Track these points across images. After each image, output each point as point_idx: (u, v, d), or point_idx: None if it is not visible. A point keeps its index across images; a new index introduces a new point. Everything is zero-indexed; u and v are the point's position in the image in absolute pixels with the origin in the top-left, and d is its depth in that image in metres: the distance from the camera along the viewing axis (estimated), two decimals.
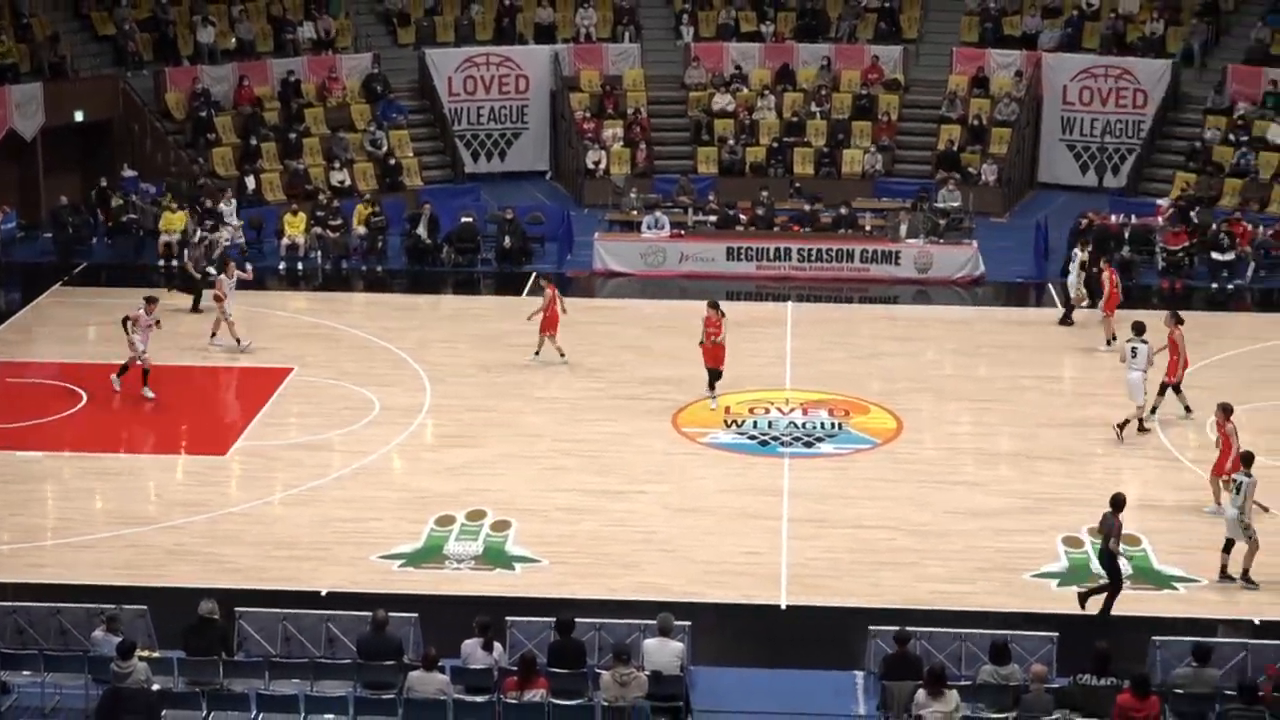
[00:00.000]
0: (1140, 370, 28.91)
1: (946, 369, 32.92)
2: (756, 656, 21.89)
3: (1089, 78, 45.46)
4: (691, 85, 46.55)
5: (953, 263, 38.22)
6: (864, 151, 44.58)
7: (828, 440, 28.87)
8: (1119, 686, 18.78)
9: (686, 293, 37.15)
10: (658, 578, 23.73)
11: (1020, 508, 26.09)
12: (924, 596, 23.17)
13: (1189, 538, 25.00)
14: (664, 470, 27.55)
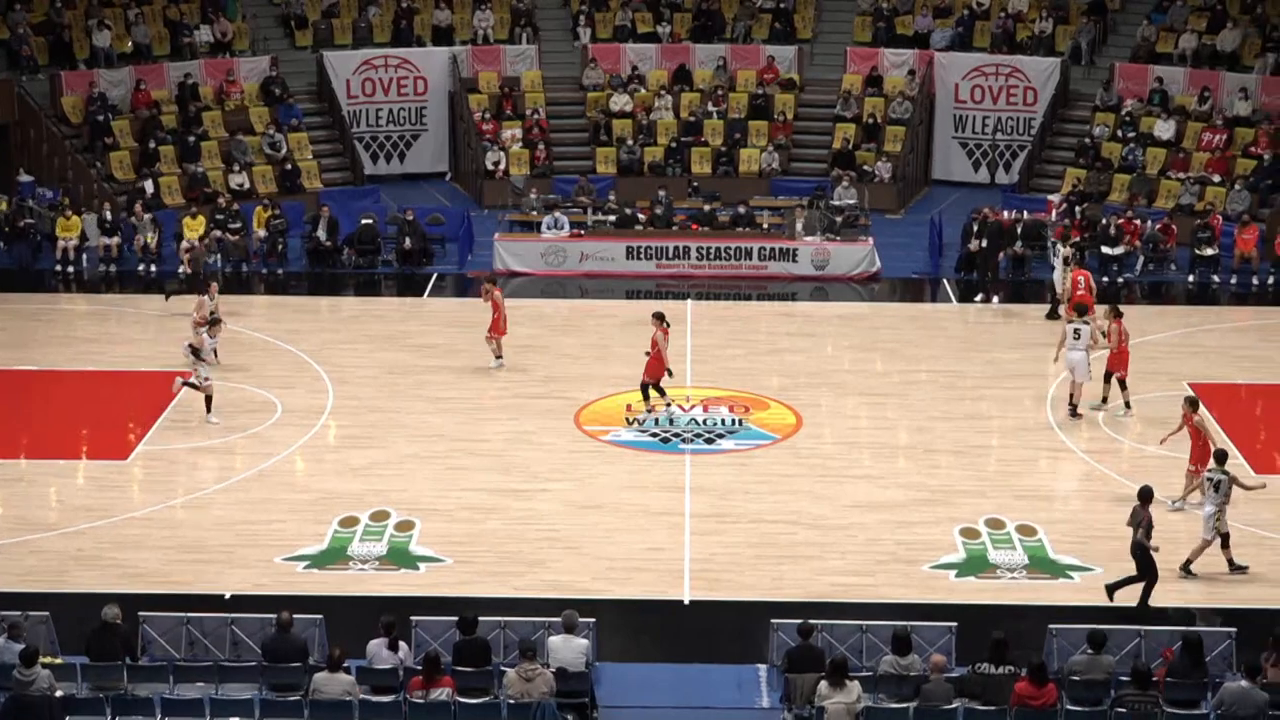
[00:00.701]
0: (1082, 350, 29.32)
1: (844, 364, 33.10)
2: (661, 651, 21.92)
3: (980, 76, 45.85)
4: (589, 86, 46.54)
5: (849, 259, 38.43)
6: (761, 150, 44.74)
7: (728, 436, 28.94)
8: (1017, 674, 18.97)
9: (587, 292, 37.17)
10: (562, 575, 23.72)
11: (918, 500, 26.28)
12: (825, 589, 23.29)
13: (1083, 527, 25.27)
14: (566, 468, 27.53)
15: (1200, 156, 42.35)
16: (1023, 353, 33.10)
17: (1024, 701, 18.67)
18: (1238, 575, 23.61)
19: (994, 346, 33.72)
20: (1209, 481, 23.80)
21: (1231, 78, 43.57)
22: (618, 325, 34.56)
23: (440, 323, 34.96)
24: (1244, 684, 18.79)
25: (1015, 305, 36.86)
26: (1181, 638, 19.90)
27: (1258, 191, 40.72)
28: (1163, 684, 19.22)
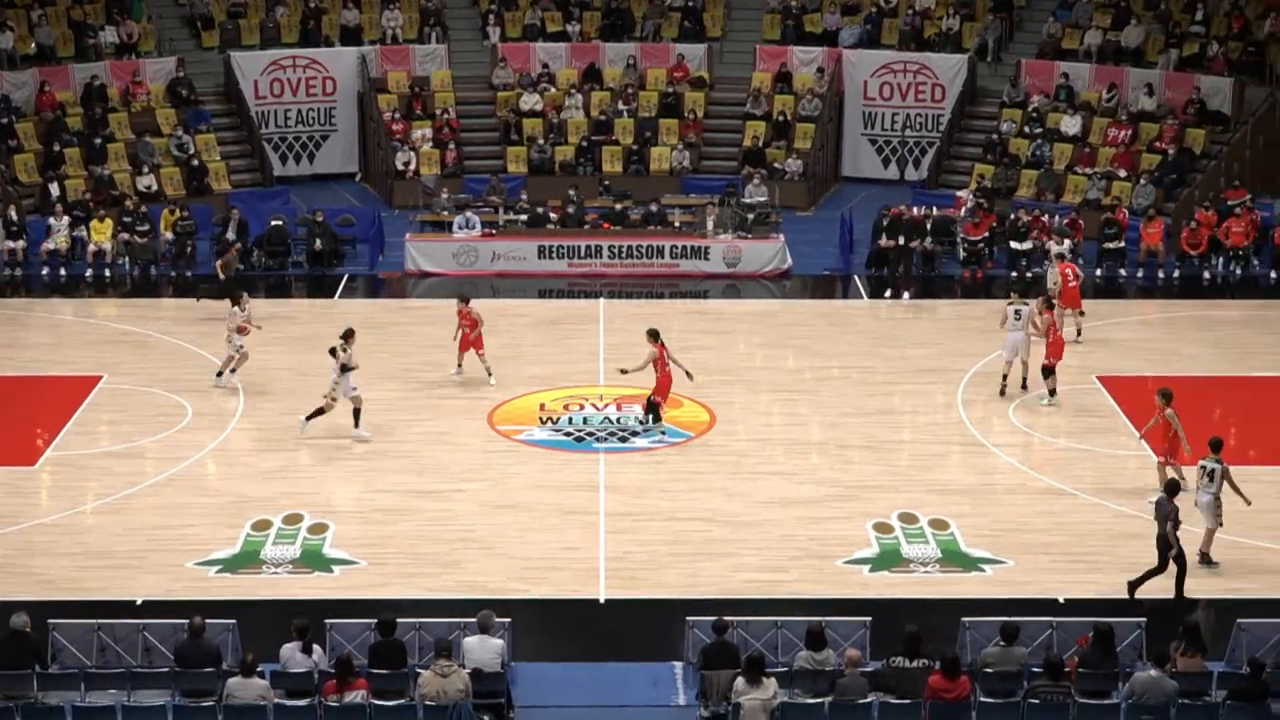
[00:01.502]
0: (1021, 331, 29.84)
1: (757, 361, 33.22)
2: (577, 650, 21.90)
3: (889, 73, 46.10)
4: (499, 85, 46.45)
5: (760, 257, 38.56)
6: (671, 149, 44.80)
7: (642, 435, 28.97)
8: (930, 668, 19.08)
9: (499, 292, 37.10)
10: (477, 575, 23.67)
11: (831, 496, 26.39)
12: (740, 586, 23.35)
13: (995, 521, 25.46)
14: (481, 468, 27.47)
15: (1106, 152, 42.79)
16: (934, 348, 33.34)
17: (938, 694, 18.79)
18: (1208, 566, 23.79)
19: (905, 342, 33.93)
20: (1203, 470, 23.93)
21: (1136, 73, 44.04)
22: (530, 325, 34.52)
23: (352, 324, 34.67)
24: (1153, 673, 19.00)
25: (925, 301, 37.11)
26: (1093, 628, 20.09)
27: (1163, 186, 41.18)
28: (1074, 674, 19.40)
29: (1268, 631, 20.49)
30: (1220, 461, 23.87)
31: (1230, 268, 38.63)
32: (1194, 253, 38.54)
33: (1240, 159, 41.62)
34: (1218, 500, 23.74)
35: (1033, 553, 24.42)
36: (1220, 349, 33.50)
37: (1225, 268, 38.65)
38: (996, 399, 30.23)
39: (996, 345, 32.46)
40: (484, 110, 46.37)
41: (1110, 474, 27.27)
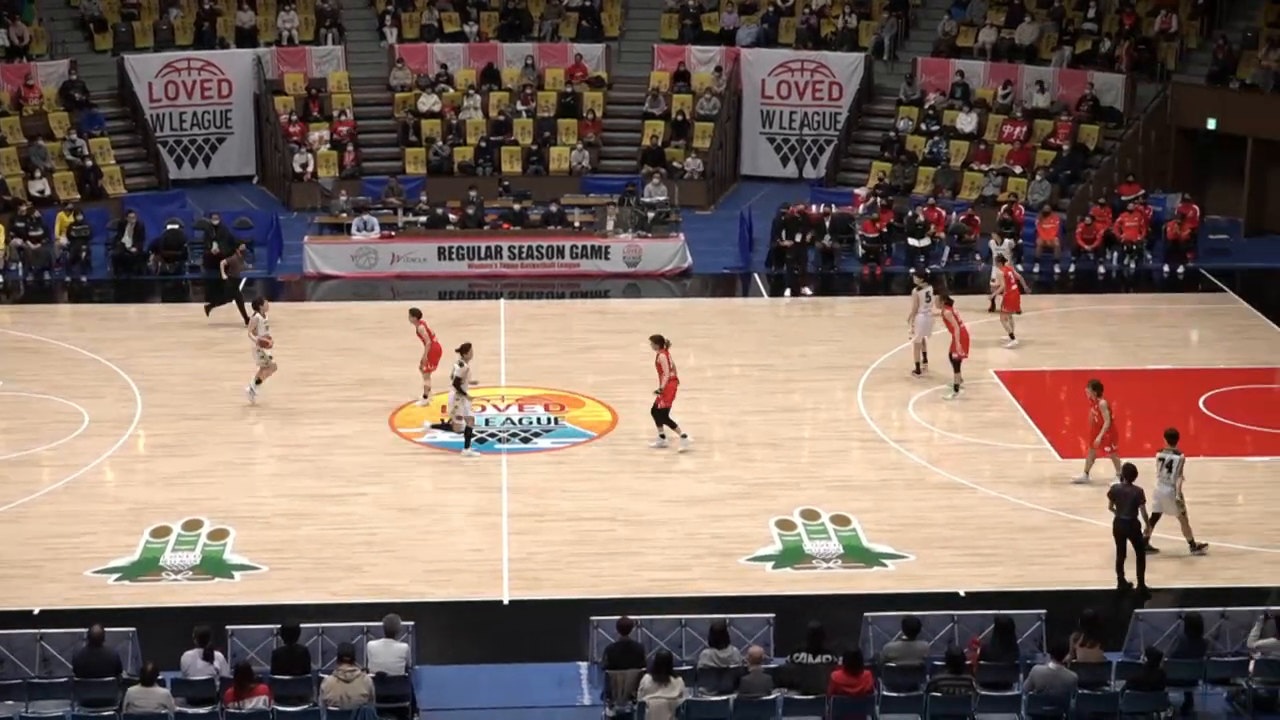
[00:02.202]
0: (926, 315, 30.58)
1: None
2: (481, 652, 21.87)
3: (786, 72, 46.30)
4: (397, 86, 46.25)
5: (661, 256, 38.62)
6: (571, 149, 44.79)
7: (544, 435, 28.95)
8: (833, 663, 19.19)
9: (399, 294, 36.94)
10: (380, 579, 23.58)
11: (733, 494, 26.48)
12: (644, 585, 23.39)
13: (895, 516, 25.64)
14: (382, 471, 27.36)
15: (1002, 148, 43.18)
16: (833, 345, 33.53)
17: (841, 689, 18.91)
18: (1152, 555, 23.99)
19: (805, 339, 34.09)
20: (1161, 462, 24.15)
21: (1030, 70, 44.46)
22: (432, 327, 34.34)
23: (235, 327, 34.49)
24: (1052, 666, 19.21)
25: (825, 298, 37.31)
26: (994, 620, 20.28)
27: (1058, 182, 41.61)
28: (975, 667, 19.57)
29: (1164, 621, 20.76)
30: (1178, 452, 24.18)
31: (1124, 262, 39.08)
32: (1089, 248, 38.95)
33: (1133, 154, 42.12)
34: (1177, 490, 24.05)
35: (933, 547, 24.62)
36: (1115, 342, 33.91)
37: (1119, 262, 39.09)
38: (896, 395, 30.43)
39: (896, 341, 32.80)
40: (382, 111, 46.17)
41: (1009, 468, 27.54)
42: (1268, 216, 41.37)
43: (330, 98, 45.72)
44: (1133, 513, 23.10)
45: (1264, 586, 23.36)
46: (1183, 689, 19.99)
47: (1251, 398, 30.70)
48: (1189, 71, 43.44)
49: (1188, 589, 23.18)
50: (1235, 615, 20.86)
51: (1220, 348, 33.81)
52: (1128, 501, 23.14)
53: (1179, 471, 24.04)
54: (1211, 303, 36.82)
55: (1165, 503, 24.10)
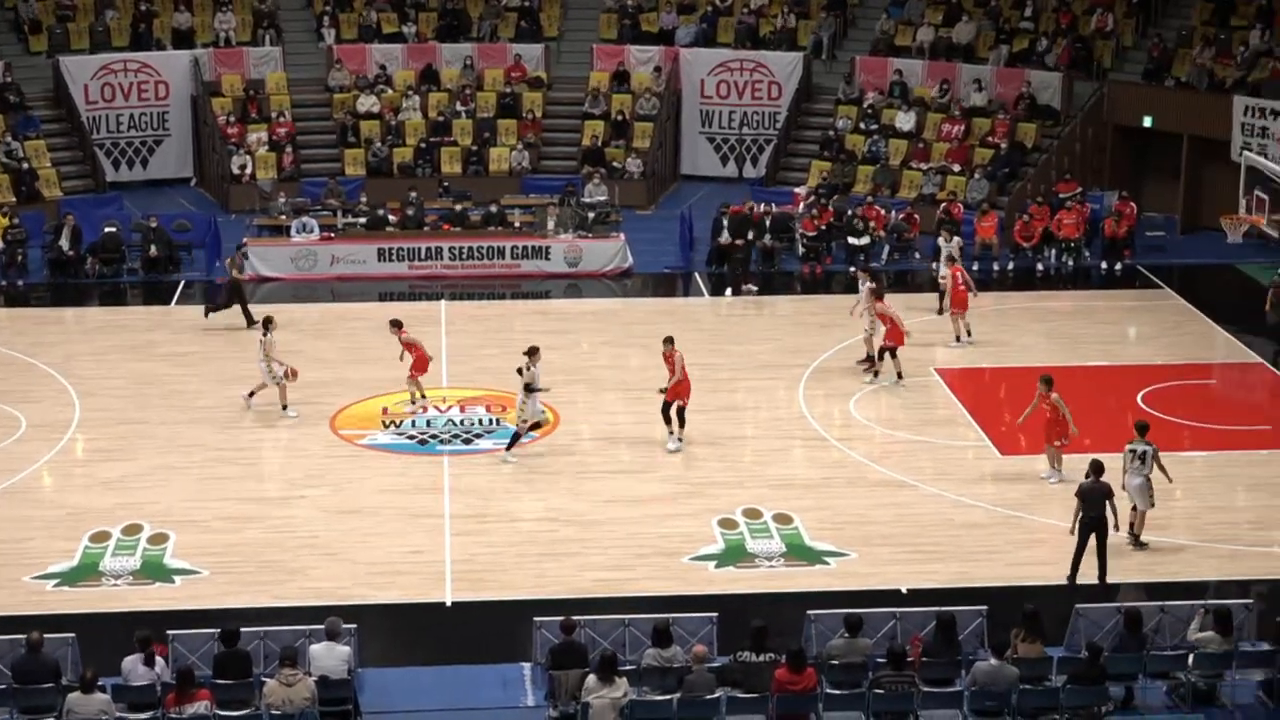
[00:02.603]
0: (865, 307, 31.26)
1: (600, 360, 33.24)
2: (424, 654, 21.81)
3: (725, 71, 46.37)
4: (335, 88, 46.08)
5: (601, 256, 38.62)
6: (510, 149, 44.73)
7: (486, 436, 28.90)
8: (777, 661, 19.23)
9: (339, 296, 36.82)
10: (322, 582, 23.48)
11: (676, 493, 26.50)
12: (587, 585, 23.38)
13: (837, 514, 25.71)
14: (324, 474, 27.26)
15: (940, 147, 43.36)
16: (774, 343, 33.59)
17: (784, 687, 18.94)
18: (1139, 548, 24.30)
19: (746, 338, 34.15)
20: (1132, 453, 24.31)
21: (968, 69, 44.68)
22: (371, 328, 34.26)
23: (190, 330, 34.34)
24: (993, 662, 19.30)
25: (766, 297, 37.37)
26: (935, 617, 20.36)
27: (996, 180, 41.81)
28: (918, 664, 19.64)
29: (1104, 616, 20.89)
30: (1150, 444, 24.36)
31: (1062, 259, 39.31)
32: (1027, 245, 39.16)
33: (1070, 153, 42.39)
34: (1149, 481, 24.24)
35: (875, 545, 24.70)
36: (1053, 339, 34.10)
37: (1057, 259, 39.31)
38: (838, 393, 30.51)
39: (837, 339, 32.93)
40: (320, 113, 46.00)
41: (949, 465, 27.65)
42: (1203, 213, 41.66)
43: (268, 99, 45.52)
44: (1101, 509, 23.20)
45: (1202, 581, 23.52)
46: (1123, 683, 20.11)
47: (1189, 393, 30.94)
48: (1125, 70, 43.76)
49: (1127, 584, 23.30)
50: (1174, 610, 21.01)
51: (1158, 344, 34.06)
52: (1097, 498, 23.23)
53: (1152, 462, 24.24)
54: (1149, 299, 37.09)
55: (1138, 494, 24.28)
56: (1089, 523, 23.20)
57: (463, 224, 39.38)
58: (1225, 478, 26.95)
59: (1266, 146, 39.07)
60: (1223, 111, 40.71)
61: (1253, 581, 23.43)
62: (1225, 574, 23.77)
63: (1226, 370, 33.06)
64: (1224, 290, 37.94)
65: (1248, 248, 38.69)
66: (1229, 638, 20.13)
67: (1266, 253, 38.61)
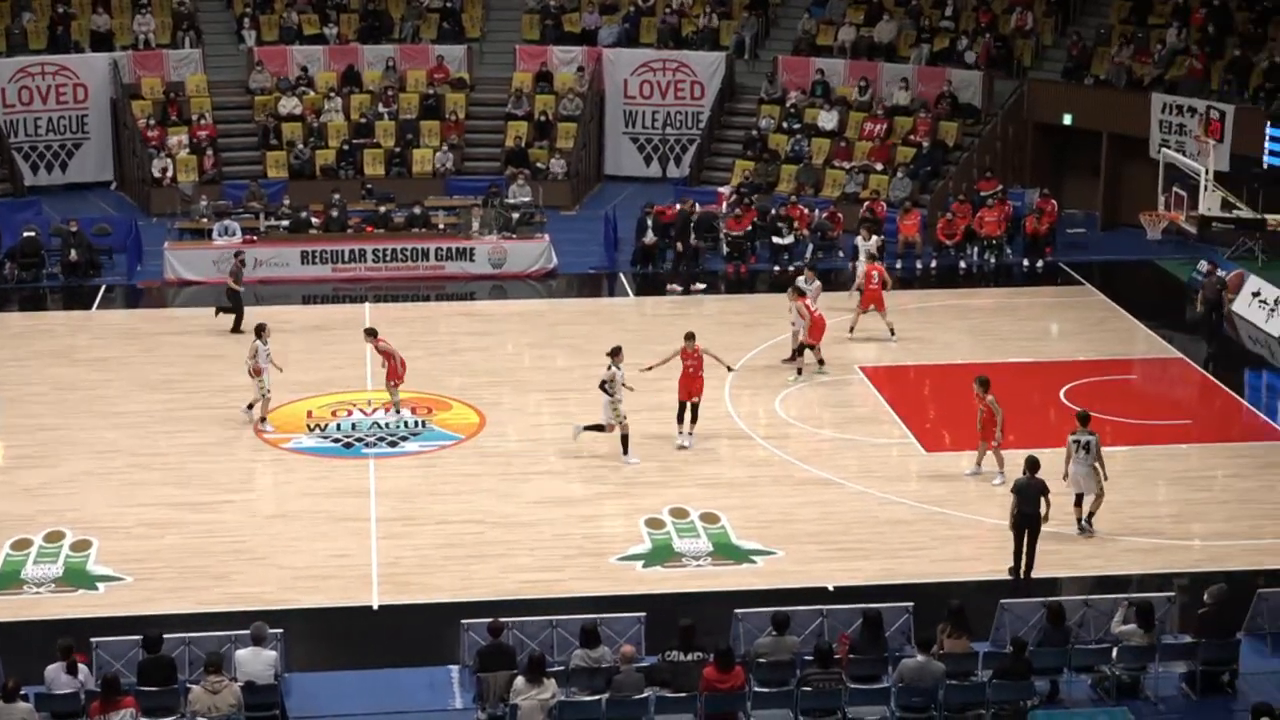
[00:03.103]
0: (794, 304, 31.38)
1: (525, 361, 33.23)
2: (351, 658, 21.73)
3: (648, 71, 46.42)
4: (256, 90, 45.82)
5: (526, 257, 38.58)
6: (434, 150, 44.62)
7: (412, 439, 28.82)
8: (705, 660, 19.27)
9: (262, 299, 36.59)
10: (248, 587, 23.35)
11: (603, 493, 26.51)
12: (514, 587, 23.35)
13: (763, 512, 25.78)
14: (248, 478, 27.13)
15: (863, 145, 43.57)
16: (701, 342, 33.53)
17: (712, 686, 18.99)
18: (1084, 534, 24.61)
19: (672, 338, 34.09)
20: (1076, 443, 24.52)
21: (890, 68, 44.92)
22: (295, 331, 34.13)
23: (111, 335, 34.10)
24: (920, 658, 19.40)
25: (690, 297, 37.39)
26: (862, 614, 20.46)
27: (918, 178, 42.06)
28: (845, 661, 19.73)
29: (1029, 611, 21.05)
30: (1093, 434, 24.59)
31: (984, 257, 39.56)
32: (949, 243, 39.41)
33: (991, 150, 42.69)
34: (1094, 470, 24.45)
35: (802, 543, 24.79)
36: (976, 336, 34.33)
37: (980, 257, 39.57)
38: (763, 392, 30.61)
39: (762, 339, 33.05)
40: (241, 115, 45.73)
41: (874, 463, 27.79)
42: (1123, 210, 42.05)
43: (189, 101, 45.22)
44: (1035, 505, 23.35)
45: (1125, 575, 23.76)
46: (1048, 677, 20.28)
47: (1110, 388, 31.21)
48: (1044, 68, 44.10)
49: (1052, 578, 23.48)
50: (1098, 604, 21.23)
51: (1079, 340, 34.34)
52: (1032, 494, 23.38)
53: (1097, 451, 24.48)
54: (1070, 295, 37.40)
55: (1085, 481, 24.56)
56: (1022, 520, 23.36)
57: (386, 226, 39.26)
58: (1146, 472, 27.20)
59: (1184, 144, 39.48)
60: (1141, 109, 41.11)
61: (1174, 575, 23.68)
62: (1147, 568, 24.01)
63: (1147, 366, 33.36)
64: (1144, 286, 38.30)
65: (1167, 244, 39.09)
66: (1151, 631, 20.33)
67: (1185, 249, 39.01)
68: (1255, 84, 40.19)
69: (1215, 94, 40.45)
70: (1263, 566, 23.96)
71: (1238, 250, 38.85)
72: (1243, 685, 20.52)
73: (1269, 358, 33.66)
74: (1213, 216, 34.22)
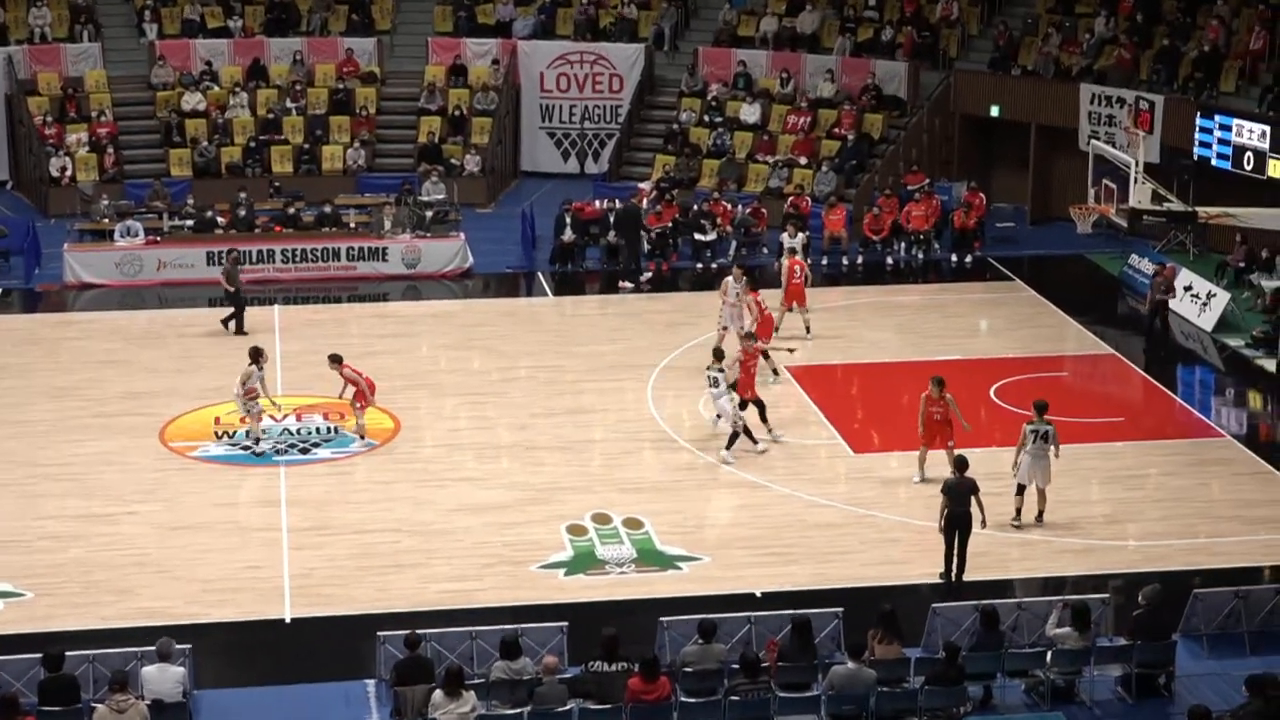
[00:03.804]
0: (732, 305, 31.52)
1: (441, 364, 33.13)
2: (264, 674, 21.59)
3: (565, 64, 46.38)
4: (159, 85, 45.46)
5: (441, 256, 38.46)
6: (344, 147, 44.41)
7: (324, 445, 28.67)
8: (629, 670, 19.25)
9: (167, 302, 36.35)
10: (154, 601, 23.17)
11: (523, 500, 26.45)
12: (433, 597, 23.27)
13: (688, 517, 25.80)
14: (154, 488, 26.89)
15: (786, 139, 43.68)
16: (621, 344, 33.64)
17: (638, 697, 18.98)
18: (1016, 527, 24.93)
19: (592, 339, 34.17)
20: (1034, 433, 24.69)
21: (813, 60, 45.05)
22: (201, 336, 33.90)
23: (9, 341, 33.72)
24: (850, 666, 19.44)
25: (612, 295, 37.42)
26: (790, 620, 20.49)
27: (843, 173, 42.19)
28: (774, 669, 19.75)
29: (961, 615, 21.15)
30: (1049, 423, 24.76)
31: (912, 252, 39.76)
32: (876, 238, 39.59)
33: (918, 144, 42.91)
34: (1048, 461, 24.80)
35: (728, 548, 24.82)
36: (903, 334, 34.48)
37: (907, 253, 39.76)
38: (687, 393, 30.60)
39: (685, 338, 33.08)
40: (143, 111, 45.35)
41: (802, 464, 27.85)
42: (1052, 203, 42.34)
43: (88, 98, 44.80)
44: (966, 504, 23.45)
45: (1059, 577, 23.92)
46: (981, 682, 20.38)
47: (1041, 386, 31.35)
48: (971, 59, 44.36)
49: (985, 581, 23.57)
50: (1031, 606, 21.36)
51: (1009, 336, 34.56)
52: (963, 494, 23.47)
53: (1053, 441, 24.78)
54: (999, 291, 37.63)
55: (1039, 473, 24.83)
56: (953, 519, 23.46)
57: (295, 225, 39.04)
58: (1079, 471, 27.37)
59: (1113, 135, 39.80)
60: (1070, 100, 41.45)
61: (1109, 576, 23.86)
62: (1081, 569, 24.18)
63: (1079, 362, 33.61)
64: (1075, 281, 38.60)
65: (1097, 238, 39.35)
66: (1086, 634, 20.46)
67: (1115, 243, 39.31)
68: (1185, 74, 40.57)
69: (1144, 84, 40.82)
70: (1198, 566, 24.20)
71: (1169, 244, 39.23)
72: (1179, 688, 20.71)
73: (1201, 353, 34.00)
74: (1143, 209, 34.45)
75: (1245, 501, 26.55)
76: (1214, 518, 26.02)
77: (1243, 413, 31.61)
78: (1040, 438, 24.82)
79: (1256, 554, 24.74)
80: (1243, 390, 32.38)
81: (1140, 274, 37.32)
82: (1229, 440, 29.21)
